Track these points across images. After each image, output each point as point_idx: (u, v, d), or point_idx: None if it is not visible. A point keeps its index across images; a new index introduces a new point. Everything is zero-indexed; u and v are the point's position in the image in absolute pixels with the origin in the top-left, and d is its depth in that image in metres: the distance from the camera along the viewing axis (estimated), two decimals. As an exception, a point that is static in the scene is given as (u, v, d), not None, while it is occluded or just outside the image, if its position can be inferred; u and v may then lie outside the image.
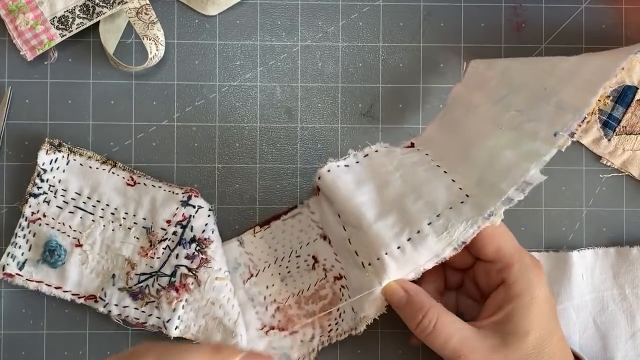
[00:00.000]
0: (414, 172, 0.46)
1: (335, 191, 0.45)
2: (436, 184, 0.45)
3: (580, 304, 0.50)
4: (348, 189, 0.45)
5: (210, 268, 0.47)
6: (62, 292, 0.48)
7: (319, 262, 0.49)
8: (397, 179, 0.46)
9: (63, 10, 0.48)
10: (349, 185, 0.45)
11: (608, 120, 0.49)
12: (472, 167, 0.45)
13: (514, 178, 0.43)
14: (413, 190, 0.45)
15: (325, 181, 0.46)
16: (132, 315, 0.48)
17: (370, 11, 0.51)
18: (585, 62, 0.44)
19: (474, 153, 0.45)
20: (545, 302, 0.42)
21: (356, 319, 0.47)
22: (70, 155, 0.49)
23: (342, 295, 0.49)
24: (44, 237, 0.48)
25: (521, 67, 0.47)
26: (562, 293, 0.49)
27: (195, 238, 0.48)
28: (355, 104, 0.51)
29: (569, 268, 0.50)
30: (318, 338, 0.49)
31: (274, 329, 0.49)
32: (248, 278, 0.49)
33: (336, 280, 0.49)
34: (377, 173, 0.46)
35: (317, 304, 0.49)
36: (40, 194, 0.48)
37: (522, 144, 0.44)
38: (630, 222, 0.51)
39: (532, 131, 0.44)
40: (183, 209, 0.48)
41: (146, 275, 0.48)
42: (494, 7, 0.51)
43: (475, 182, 0.44)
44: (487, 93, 0.47)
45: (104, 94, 0.50)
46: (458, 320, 0.43)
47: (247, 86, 0.50)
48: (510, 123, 0.45)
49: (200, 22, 0.50)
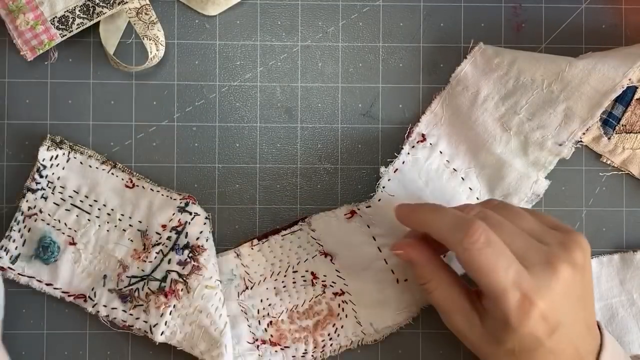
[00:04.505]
0: (442, 187, 0.48)
1: (384, 218, 0.48)
2: (460, 200, 0.48)
3: None
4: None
5: (201, 276, 0.47)
6: (52, 289, 0.48)
7: (319, 278, 0.49)
8: (429, 197, 0.48)
9: (63, 11, 0.48)
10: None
11: (608, 118, 0.49)
12: (481, 170, 0.49)
13: (524, 191, 0.48)
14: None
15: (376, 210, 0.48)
16: (119, 317, 0.48)
17: (370, 11, 0.51)
18: (595, 69, 0.47)
19: (484, 157, 0.49)
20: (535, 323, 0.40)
21: (368, 331, 0.49)
22: (71, 153, 0.49)
23: (342, 310, 0.49)
24: (38, 232, 0.48)
25: (529, 62, 0.48)
26: None
27: (189, 245, 0.48)
28: (355, 104, 0.51)
29: None
30: (311, 354, 0.49)
31: (266, 344, 0.49)
32: (243, 290, 0.49)
33: (336, 296, 0.49)
34: (411, 191, 0.48)
35: (311, 320, 0.49)
36: (38, 190, 0.48)
37: (529, 152, 0.48)
38: (630, 222, 0.51)
39: (539, 140, 0.48)
40: (179, 214, 0.48)
41: (137, 278, 0.48)
42: (494, 7, 0.51)
43: (488, 190, 0.49)
44: (494, 83, 0.48)
45: (104, 94, 0.50)
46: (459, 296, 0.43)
47: (247, 86, 0.50)
48: (519, 128, 0.48)
49: (200, 22, 0.50)
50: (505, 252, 0.40)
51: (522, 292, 0.39)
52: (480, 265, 0.40)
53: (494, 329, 0.41)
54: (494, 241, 0.40)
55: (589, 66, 0.47)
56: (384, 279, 0.48)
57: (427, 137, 0.49)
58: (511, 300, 0.39)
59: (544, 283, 0.40)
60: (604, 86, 0.46)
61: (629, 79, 0.46)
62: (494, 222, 0.41)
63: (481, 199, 0.49)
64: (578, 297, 0.41)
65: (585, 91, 0.47)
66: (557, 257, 0.40)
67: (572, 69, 0.47)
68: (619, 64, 0.46)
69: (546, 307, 0.40)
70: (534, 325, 0.40)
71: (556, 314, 0.40)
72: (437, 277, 0.44)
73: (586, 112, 0.47)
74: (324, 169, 0.51)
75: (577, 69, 0.47)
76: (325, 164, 0.51)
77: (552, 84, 0.47)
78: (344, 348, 0.49)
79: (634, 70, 0.46)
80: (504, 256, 0.40)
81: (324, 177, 0.50)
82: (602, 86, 0.46)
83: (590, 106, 0.47)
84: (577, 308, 0.41)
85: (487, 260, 0.39)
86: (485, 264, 0.40)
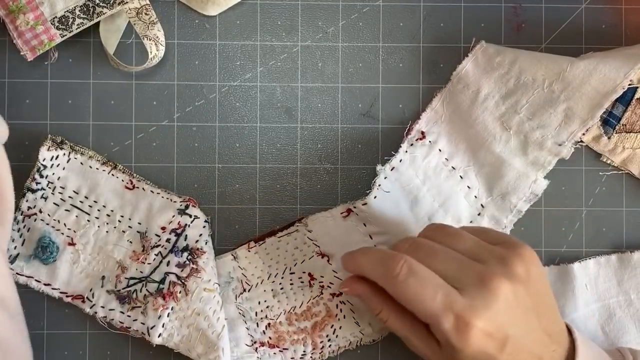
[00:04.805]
0: (439, 186, 0.49)
1: (380, 216, 0.48)
2: (458, 198, 0.48)
3: (587, 314, 0.49)
4: (391, 212, 0.48)
5: (199, 278, 0.47)
6: (50, 289, 0.48)
7: (316, 279, 0.49)
8: (425, 195, 0.49)
9: (63, 11, 0.48)
10: (391, 208, 0.48)
11: (608, 118, 0.49)
12: (480, 168, 0.49)
13: (523, 191, 0.48)
14: (441, 206, 0.48)
15: (372, 207, 0.48)
16: (117, 318, 0.48)
17: (370, 11, 0.51)
18: (596, 70, 0.47)
19: (483, 155, 0.49)
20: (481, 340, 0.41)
21: (366, 332, 0.49)
22: (71, 154, 0.49)
23: (341, 311, 0.49)
24: (38, 232, 0.48)
25: (530, 62, 0.48)
26: (567, 305, 0.49)
27: (188, 247, 0.48)
28: (355, 104, 0.51)
29: (571, 280, 0.49)
30: (309, 355, 0.49)
31: (264, 346, 0.49)
32: (240, 293, 0.49)
33: (334, 297, 0.49)
34: (407, 189, 0.48)
35: (309, 321, 0.49)
36: (38, 190, 0.48)
37: (529, 152, 0.49)
38: (630, 222, 0.51)
39: (539, 140, 0.48)
40: (179, 217, 0.48)
41: (135, 279, 0.48)
42: (494, 7, 0.51)
43: (486, 189, 0.49)
44: (495, 81, 0.49)
45: (104, 94, 0.50)
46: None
47: (247, 86, 0.50)
48: (519, 127, 0.48)
49: (200, 22, 0.50)
50: (430, 279, 0.41)
51: (455, 314, 0.40)
52: (407, 295, 0.41)
53: (448, 352, 0.41)
54: (417, 270, 0.41)
55: (590, 67, 0.47)
56: None
57: (427, 134, 0.49)
58: (445, 325, 0.40)
59: (479, 302, 0.40)
60: (604, 87, 0.47)
61: (630, 80, 0.46)
62: (426, 249, 0.42)
63: (479, 198, 0.49)
64: (527, 308, 0.41)
65: (586, 91, 0.47)
66: (492, 273, 0.41)
67: (573, 69, 0.47)
68: (620, 65, 0.46)
69: (486, 324, 0.40)
70: (478, 343, 0.40)
71: (502, 329, 0.40)
72: (387, 307, 0.44)
73: (586, 112, 0.47)
74: (324, 169, 0.51)
75: (578, 69, 0.47)
76: (325, 164, 0.51)
77: (553, 84, 0.47)
78: (343, 349, 0.49)
79: (634, 71, 0.46)
80: (429, 283, 0.40)
81: (324, 177, 0.50)
82: (603, 87, 0.47)
83: (591, 107, 0.47)
84: (528, 319, 0.41)
85: (413, 290, 0.40)
86: (412, 293, 0.41)
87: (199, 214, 0.48)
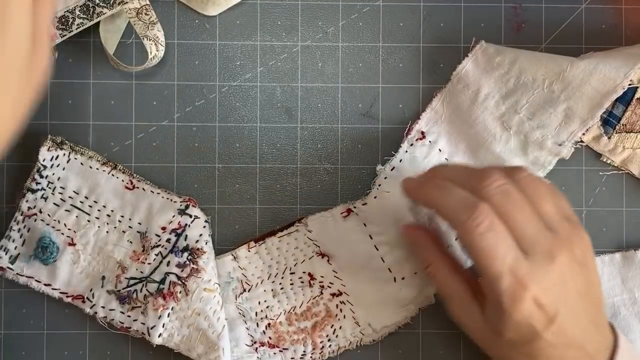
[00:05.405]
0: None
1: (380, 216, 0.48)
2: None
3: None
4: (391, 212, 0.48)
5: (199, 278, 0.47)
6: (51, 289, 0.48)
7: (316, 279, 0.49)
8: None
9: (63, 11, 0.48)
10: (391, 208, 0.48)
11: (608, 118, 0.49)
12: None
13: None
14: None
15: (372, 207, 0.48)
16: (117, 318, 0.48)
17: (370, 11, 0.51)
18: (596, 69, 0.47)
19: (483, 155, 0.49)
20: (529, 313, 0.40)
21: (366, 332, 0.49)
22: (71, 154, 0.49)
23: (341, 311, 0.49)
24: (38, 233, 0.48)
25: (530, 61, 0.48)
26: None
27: (188, 247, 0.48)
28: (355, 104, 0.51)
29: None
30: (310, 355, 0.49)
31: (264, 346, 0.49)
32: (240, 293, 0.49)
33: (334, 297, 0.49)
34: None
35: (310, 321, 0.49)
36: (39, 190, 0.48)
37: (529, 152, 0.49)
38: (630, 222, 0.51)
39: (539, 140, 0.48)
40: (179, 217, 0.48)
41: (136, 280, 0.48)
42: (494, 7, 0.51)
43: None
44: (495, 81, 0.49)
45: (104, 94, 0.50)
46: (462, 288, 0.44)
47: (247, 86, 0.50)
48: (519, 127, 0.48)
49: (200, 22, 0.50)
50: (506, 239, 0.40)
51: (517, 277, 0.40)
52: (480, 248, 0.40)
53: (492, 317, 0.41)
54: (497, 227, 0.40)
55: (590, 66, 0.47)
56: (381, 278, 0.48)
57: (427, 134, 0.49)
58: (505, 284, 0.40)
59: (539, 269, 0.40)
60: (604, 87, 0.47)
61: (630, 80, 0.46)
62: (515, 202, 0.41)
63: None
64: (579, 292, 0.41)
65: (586, 91, 0.47)
66: (559, 247, 0.41)
67: (573, 69, 0.47)
68: (620, 65, 0.46)
69: (540, 291, 0.40)
70: (528, 310, 0.40)
71: (554, 303, 0.40)
72: (439, 262, 0.45)
73: (586, 112, 0.47)
74: (324, 169, 0.51)
75: (578, 69, 0.47)
76: (325, 164, 0.51)
77: (553, 84, 0.47)
78: (343, 349, 0.49)
79: (635, 71, 0.46)
80: (504, 242, 0.40)
81: (324, 177, 0.50)
82: (603, 87, 0.47)
83: (591, 107, 0.47)
84: (578, 302, 0.41)
85: (488, 245, 0.40)
86: (486, 247, 0.40)
87: (199, 214, 0.48)
